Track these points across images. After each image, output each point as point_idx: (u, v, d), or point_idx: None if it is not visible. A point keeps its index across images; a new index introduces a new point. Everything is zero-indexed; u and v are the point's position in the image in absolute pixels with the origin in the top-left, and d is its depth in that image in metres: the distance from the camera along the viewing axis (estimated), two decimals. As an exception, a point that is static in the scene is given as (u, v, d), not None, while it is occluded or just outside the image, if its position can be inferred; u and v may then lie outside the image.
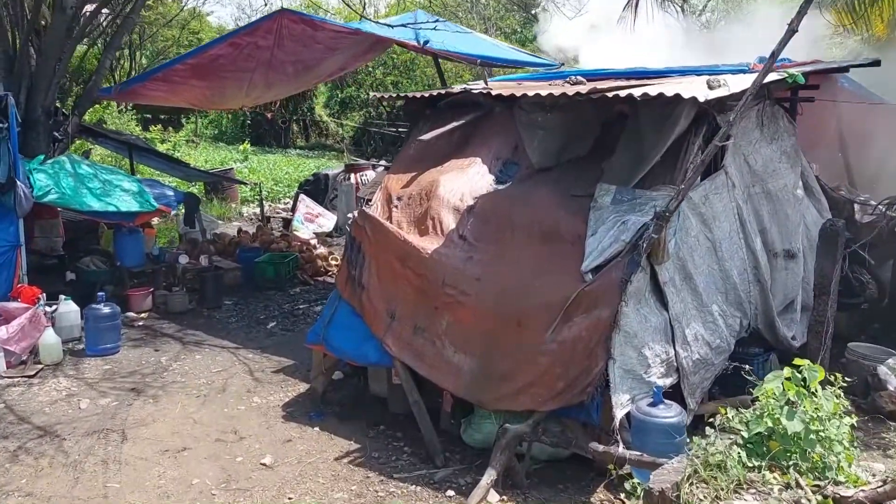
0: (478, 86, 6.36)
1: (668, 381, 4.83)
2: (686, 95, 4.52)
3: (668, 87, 4.73)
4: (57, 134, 9.31)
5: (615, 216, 4.70)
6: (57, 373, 6.72)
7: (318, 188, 14.97)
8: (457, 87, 6.60)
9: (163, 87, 10.16)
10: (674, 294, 4.90)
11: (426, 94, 6.51)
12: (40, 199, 7.50)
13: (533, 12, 26.62)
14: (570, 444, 4.37)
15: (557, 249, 4.83)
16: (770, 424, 3.81)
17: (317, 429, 5.65)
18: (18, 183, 7.02)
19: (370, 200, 6.14)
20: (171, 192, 8.99)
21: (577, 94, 5.11)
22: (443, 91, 6.50)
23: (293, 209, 13.84)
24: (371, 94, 7.43)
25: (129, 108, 21.89)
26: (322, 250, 11.48)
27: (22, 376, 6.53)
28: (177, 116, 27.46)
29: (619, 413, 4.37)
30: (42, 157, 8.19)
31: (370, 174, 14.34)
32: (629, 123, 5.42)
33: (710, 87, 4.67)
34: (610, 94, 4.84)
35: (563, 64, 8.51)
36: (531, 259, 4.89)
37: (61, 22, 8.74)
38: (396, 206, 5.90)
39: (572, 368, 4.43)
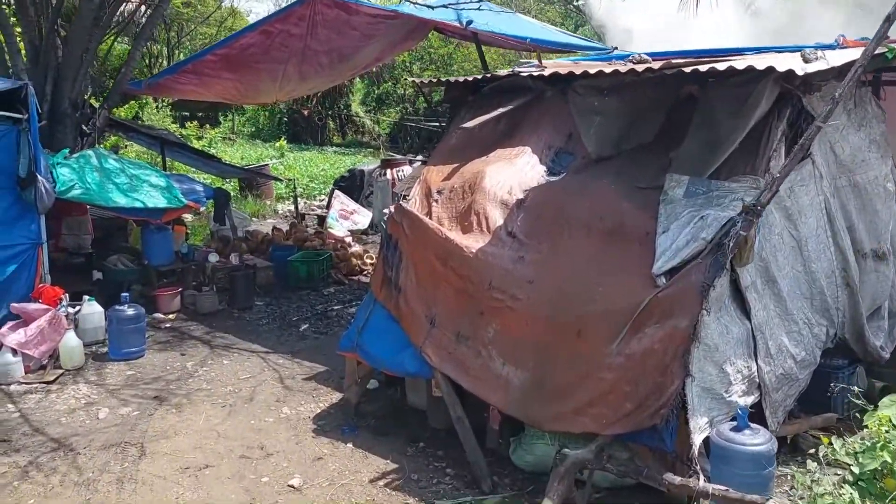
0: (526, 68, 5.78)
1: (749, 400, 4.21)
2: (781, 68, 3.90)
3: (758, 61, 4.09)
4: (85, 127, 8.99)
5: (690, 211, 4.09)
6: (77, 378, 6.34)
7: (353, 184, 14.55)
8: (503, 71, 6.03)
9: (193, 80, 9.78)
10: (756, 300, 4.28)
11: (469, 79, 5.97)
12: (63, 194, 7.14)
13: (575, 3, 25.92)
14: (641, 475, 3.78)
15: (623, 248, 4.23)
16: (887, 459, 3.17)
17: (350, 445, 5.15)
18: (39, 178, 6.65)
19: (407, 195, 5.61)
20: (200, 188, 8.59)
21: (648, 70, 4.50)
22: (487, 75, 5.93)
23: (328, 206, 13.43)
24: (410, 79, 6.92)
25: (166, 104, 21.80)
26: (357, 248, 11.03)
27: (40, 382, 6.16)
28: (214, 114, 27.39)
29: (698, 438, 3.77)
30: (66, 150, 7.85)
31: (407, 169, 13.86)
32: (700, 106, 4.79)
33: (807, 61, 4.03)
34: (687, 70, 4.22)
35: (615, 48, 7.89)
36: (592, 259, 4.31)
37: (88, 10, 8.41)
38: (437, 201, 5.37)
39: (642, 386, 3.83)
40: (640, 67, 4.54)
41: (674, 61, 4.65)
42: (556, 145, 5.46)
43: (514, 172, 5.21)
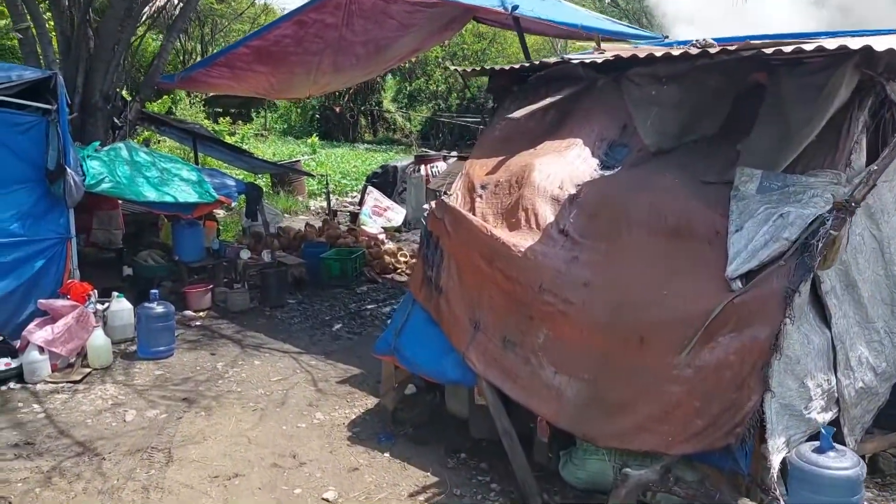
0: (578, 55, 5.42)
1: (827, 417, 3.81)
2: (880, 48, 3.49)
3: (849, 42, 3.69)
4: (116, 120, 8.83)
5: (766, 207, 3.70)
6: (105, 378, 6.13)
7: (386, 180, 14.32)
8: (552, 58, 5.68)
9: (226, 73, 9.57)
10: (836, 307, 3.88)
11: (515, 67, 5.62)
12: (92, 188, 6.94)
13: (612, -4, 25.36)
14: (712, 499, 3.42)
15: (690, 248, 3.86)
16: None
17: (387, 455, 4.84)
18: (68, 170, 6.45)
19: (449, 190, 5.28)
20: (232, 183, 8.36)
21: (723, 51, 4.12)
22: (536, 62, 5.59)
23: (361, 202, 13.18)
24: (452, 67, 6.60)
25: (199, 99, 21.80)
26: (390, 246, 10.76)
27: (67, 381, 5.96)
28: (247, 110, 27.39)
29: (777, 460, 3.39)
30: (97, 143, 7.67)
31: (441, 165, 13.59)
32: (769, 95, 4.39)
33: (905, 39, 3.62)
34: (769, 51, 3.82)
35: (667, 36, 7.48)
36: (655, 260, 3.93)
37: (119, 1, 8.22)
38: (481, 196, 5.03)
39: (715, 402, 3.45)
40: (712, 50, 4.15)
41: (752, 43, 4.25)
42: (609, 137, 5.10)
43: (565, 166, 4.86)
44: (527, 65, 5.64)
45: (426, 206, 5.35)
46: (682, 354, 3.57)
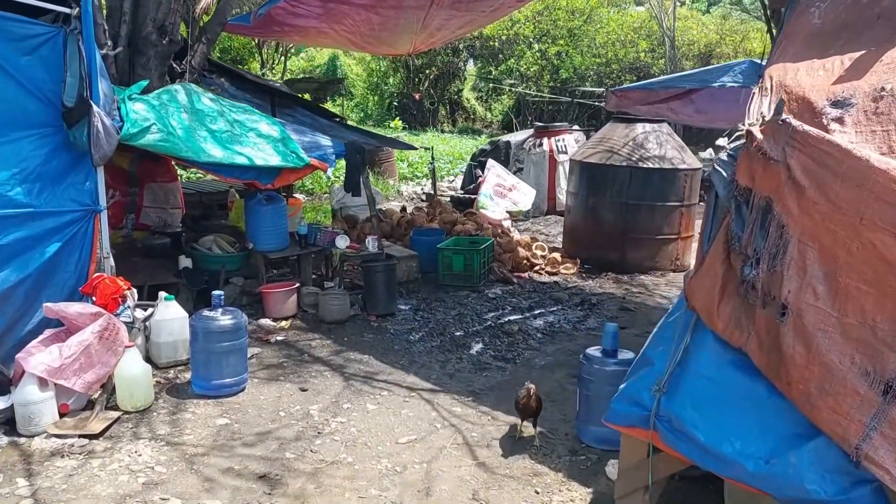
0: None
1: None
2: None
3: None
4: (175, 66, 6.69)
5: None
6: (140, 428, 3.89)
7: (497, 159, 11.91)
8: None
9: (316, 9, 7.32)
10: None
11: None
12: (134, 138, 4.75)
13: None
14: None
15: None
16: None
17: None
18: (95, 108, 4.27)
19: (759, 117, 2.78)
20: (327, 142, 6.07)
21: None
22: None
23: (464, 185, 10.85)
24: None
25: (277, 74, 20.03)
26: (520, 236, 8.32)
27: (80, 435, 3.74)
28: (322, 94, 25.82)
29: None
30: (145, 83, 5.49)
31: (569, 138, 11.13)
32: None
33: None
34: None
35: None
36: None
37: None
38: (840, 120, 2.52)
39: None
40: None
41: None
42: None
43: None
44: None
45: (722, 140, 2.83)
46: None
